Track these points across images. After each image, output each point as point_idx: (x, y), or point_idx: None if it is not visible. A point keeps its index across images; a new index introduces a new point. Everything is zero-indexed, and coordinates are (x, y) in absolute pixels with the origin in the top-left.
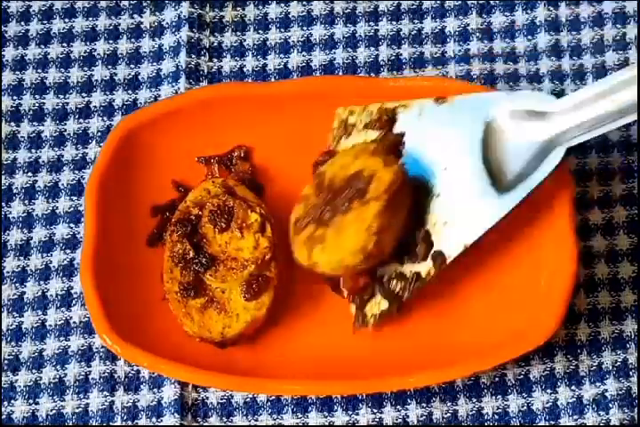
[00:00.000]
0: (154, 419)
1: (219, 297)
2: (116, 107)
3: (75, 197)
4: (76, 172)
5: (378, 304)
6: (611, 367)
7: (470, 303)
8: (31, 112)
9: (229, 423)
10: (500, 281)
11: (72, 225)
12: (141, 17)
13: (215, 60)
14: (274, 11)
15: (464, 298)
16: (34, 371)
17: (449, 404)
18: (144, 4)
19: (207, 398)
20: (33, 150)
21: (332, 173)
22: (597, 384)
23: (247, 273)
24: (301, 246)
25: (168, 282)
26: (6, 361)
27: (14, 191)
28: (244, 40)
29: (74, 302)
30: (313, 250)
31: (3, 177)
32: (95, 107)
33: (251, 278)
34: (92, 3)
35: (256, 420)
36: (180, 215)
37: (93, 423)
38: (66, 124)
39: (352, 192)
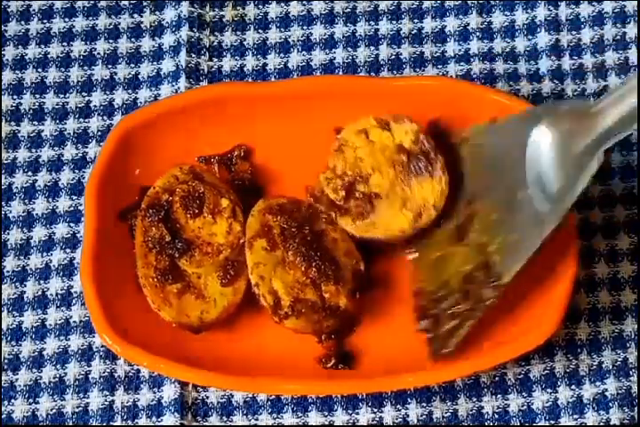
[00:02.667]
0: (154, 418)
1: (195, 282)
2: (116, 106)
3: (75, 197)
4: (76, 171)
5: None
6: (611, 367)
7: None
8: (31, 111)
9: (229, 423)
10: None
11: (72, 224)
12: (141, 16)
13: (215, 59)
14: (274, 10)
15: None
16: (34, 370)
17: (449, 403)
18: (144, 4)
19: (207, 397)
20: (33, 150)
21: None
22: (597, 384)
23: (223, 257)
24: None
25: (143, 267)
26: (6, 360)
27: (14, 191)
28: (244, 39)
29: (74, 301)
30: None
31: (3, 176)
32: (95, 106)
33: (226, 263)
34: (92, 2)
35: (256, 419)
36: (149, 201)
37: (93, 423)
38: (66, 123)
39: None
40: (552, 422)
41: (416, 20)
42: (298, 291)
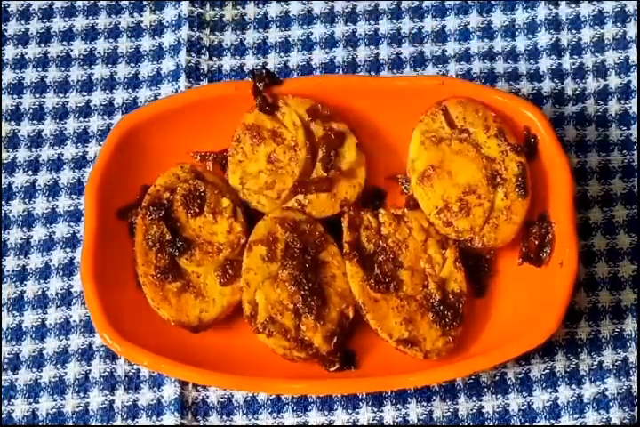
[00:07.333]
0: (154, 418)
1: (194, 281)
2: (117, 105)
3: (75, 196)
4: (76, 170)
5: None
6: (611, 366)
7: (471, 303)
8: (31, 111)
9: (229, 423)
10: (500, 281)
11: (72, 224)
12: (141, 16)
13: (215, 58)
14: (274, 9)
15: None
16: (34, 370)
17: (449, 403)
18: (144, 3)
19: (207, 396)
20: (33, 149)
21: None
22: (598, 383)
23: (223, 257)
24: None
25: (143, 265)
26: (6, 360)
27: (14, 190)
28: (244, 39)
29: (74, 300)
30: None
31: (3, 176)
32: (95, 105)
33: (225, 263)
34: (92, 1)
35: (256, 419)
36: (150, 199)
37: (93, 423)
38: (66, 122)
39: None
40: (552, 421)
41: (416, 20)
42: (277, 312)
